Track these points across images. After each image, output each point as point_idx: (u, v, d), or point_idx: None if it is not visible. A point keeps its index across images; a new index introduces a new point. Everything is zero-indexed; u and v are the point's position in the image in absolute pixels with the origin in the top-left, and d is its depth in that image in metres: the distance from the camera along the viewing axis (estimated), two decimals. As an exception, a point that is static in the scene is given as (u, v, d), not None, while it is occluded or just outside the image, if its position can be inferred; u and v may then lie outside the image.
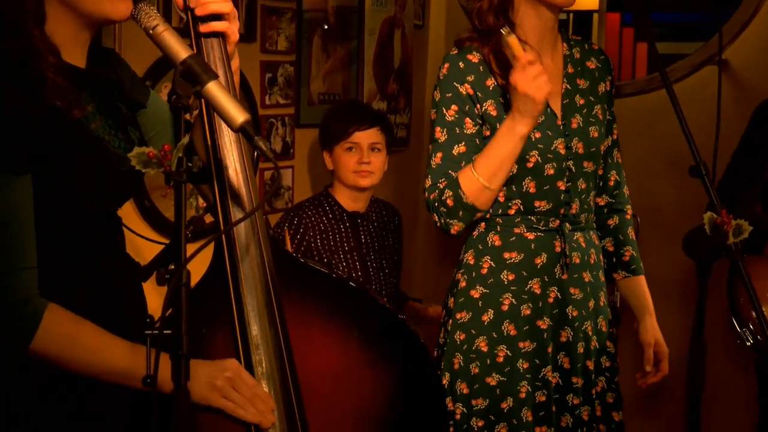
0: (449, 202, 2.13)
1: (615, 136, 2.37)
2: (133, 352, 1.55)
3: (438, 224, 2.18)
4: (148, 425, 1.41)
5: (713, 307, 2.48)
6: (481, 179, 2.10)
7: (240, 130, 1.42)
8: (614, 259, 2.41)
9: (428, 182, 2.18)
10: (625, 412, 2.36)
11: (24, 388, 1.54)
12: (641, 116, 3.72)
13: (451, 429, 2.19)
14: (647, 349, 2.37)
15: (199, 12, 1.64)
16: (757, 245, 2.94)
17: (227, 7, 1.66)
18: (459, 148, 2.17)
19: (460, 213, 2.14)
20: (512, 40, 2.03)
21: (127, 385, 1.55)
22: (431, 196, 2.17)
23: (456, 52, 2.21)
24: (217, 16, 1.66)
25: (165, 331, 1.36)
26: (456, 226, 2.16)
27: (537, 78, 2.02)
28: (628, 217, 2.45)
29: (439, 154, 2.18)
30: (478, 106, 2.18)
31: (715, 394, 3.25)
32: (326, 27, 3.39)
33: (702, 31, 3.78)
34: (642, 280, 2.42)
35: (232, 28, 1.68)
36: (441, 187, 2.15)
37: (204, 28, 1.65)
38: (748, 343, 2.89)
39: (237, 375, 1.61)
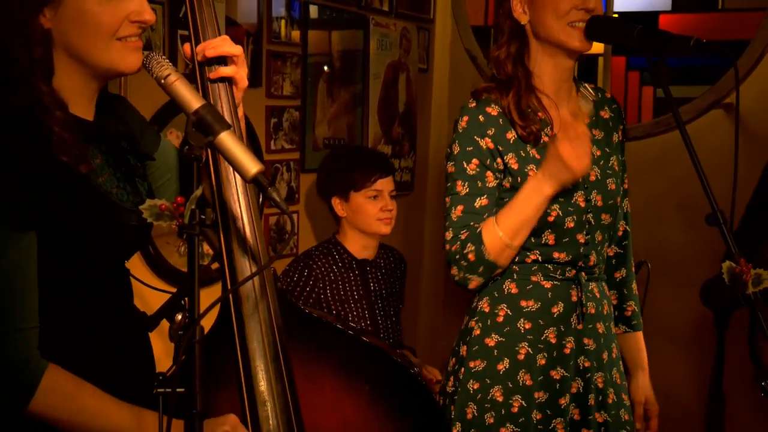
0: (470, 257, 2.10)
1: (626, 186, 2.34)
2: (137, 416, 1.50)
3: (457, 278, 2.14)
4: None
5: (731, 358, 2.42)
6: (503, 236, 2.07)
7: (253, 181, 1.39)
8: (616, 313, 2.37)
9: (449, 234, 2.14)
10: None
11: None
12: (648, 160, 3.70)
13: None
14: (638, 407, 2.34)
15: (209, 54, 1.61)
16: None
17: (237, 50, 1.62)
18: (481, 201, 2.13)
19: (481, 269, 2.11)
20: (584, 108, 2.05)
21: None
22: (452, 248, 2.12)
23: (474, 104, 2.18)
24: (225, 60, 1.62)
25: (178, 389, 1.32)
26: (474, 282, 2.14)
27: (583, 156, 2.00)
28: (632, 270, 2.42)
29: (459, 207, 2.14)
30: (499, 159, 2.15)
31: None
32: (331, 71, 3.37)
33: (703, 75, 3.77)
34: (640, 336, 2.40)
35: (240, 73, 1.64)
36: (462, 239, 2.11)
37: (213, 74, 1.62)
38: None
39: (234, 429, 1.55)
